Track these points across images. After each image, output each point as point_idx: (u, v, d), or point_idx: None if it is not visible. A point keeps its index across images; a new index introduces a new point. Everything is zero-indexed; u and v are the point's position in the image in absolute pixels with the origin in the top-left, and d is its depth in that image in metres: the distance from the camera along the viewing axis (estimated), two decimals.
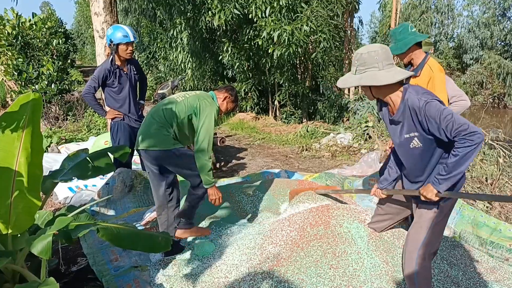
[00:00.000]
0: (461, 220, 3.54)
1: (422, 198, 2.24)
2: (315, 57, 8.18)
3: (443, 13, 28.12)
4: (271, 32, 6.55)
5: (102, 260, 3.27)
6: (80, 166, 3.16)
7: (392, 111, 2.32)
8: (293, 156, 7.04)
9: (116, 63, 4.23)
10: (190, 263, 3.09)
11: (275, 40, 6.53)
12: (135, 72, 4.40)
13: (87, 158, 3.24)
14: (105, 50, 6.16)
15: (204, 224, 3.68)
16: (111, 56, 4.22)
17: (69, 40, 22.47)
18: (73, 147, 6.13)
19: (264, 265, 2.71)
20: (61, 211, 2.92)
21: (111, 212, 4.29)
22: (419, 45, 3.23)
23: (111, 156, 3.45)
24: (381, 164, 6.08)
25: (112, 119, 4.36)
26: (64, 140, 6.98)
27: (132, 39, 4.14)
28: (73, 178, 3.04)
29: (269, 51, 7.01)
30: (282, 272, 2.61)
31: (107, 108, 4.41)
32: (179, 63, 10.57)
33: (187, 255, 3.22)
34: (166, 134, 2.96)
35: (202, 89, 12.14)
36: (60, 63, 10.58)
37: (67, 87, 10.54)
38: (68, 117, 8.84)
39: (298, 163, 6.61)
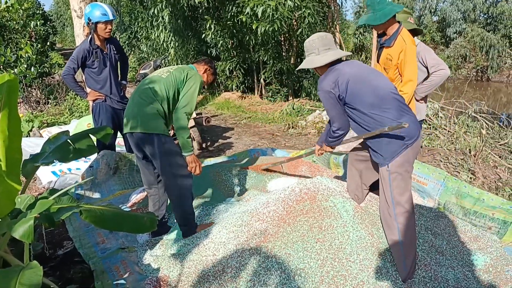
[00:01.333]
0: (445, 191, 3.59)
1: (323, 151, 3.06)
2: (300, 33, 8.08)
3: None
4: (255, 8, 6.42)
5: (88, 243, 3.24)
6: (61, 149, 3.09)
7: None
8: (279, 134, 7.03)
9: (96, 43, 4.12)
10: (177, 243, 3.08)
11: (259, 16, 6.41)
12: (115, 52, 4.29)
13: (68, 140, 3.17)
14: (83, 30, 6.00)
15: None
16: (90, 36, 4.10)
17: (48, 22, 21.83)
18: (55, 131, 6.00)
19: (251, 241, 2.72)
20: (43, 195, 2.88)
21: (96, 195, 4.25)
22: (394, 15, 3.24)
23: (93, 137, 3.38)
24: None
25: (94, 100, 4.27)
26: (46, 124, 6.85)
27: (111, 17, 4.02)
28: (55, 161, 2.98)
29: (253, 28, 6.90)
30: (269, 247, 2.63)
31: (88, 90, 4.32)
32: (161, 43, 10.36)
33: (173, 235, 3.22)
34: (156, 115, 2.85)
35: None
36: (39, 45, 10.28)
37: (47, 70, 10.28)
38: (49, 100, 8.66)
39: (285, 141, 6.61)
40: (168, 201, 3.27)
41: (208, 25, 8.45)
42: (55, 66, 13.12)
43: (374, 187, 2.93)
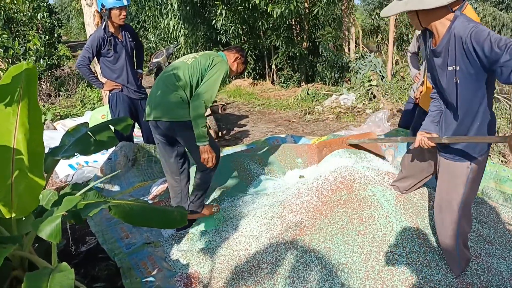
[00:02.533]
0: (483, 176, 3.39)
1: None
2: (316, 14, 7.81)
3: None
4: None
5: (112, 238, 3.12)
6: (82, 141, 2.95)
7: (435, 43, 2.06)
8: (296, 120, 6.84)
9: (110, 30, 3.94)
10: (204, 236, 2.95)
11: None
12: (131, 39, 4.12)
13: (88, 132, 3.03)
14: (94, 19, 5.82)
15: (214, 195, 3.52)
16: (104, 23, 3.93)
17: (53, 15, 21.64)
18: (69, 123, 5.88)
19: (286, 234, 2.57)
20: (65, 190, 2.74)
21: (116, 188, 4.12)
22: None
23: (113, 129, 3.24)
24: (389, 124, 5.91)
25: (110, 91, 4.12)
26: (59, 117, 6.72)
27: (125, 2, 3.84)
28: (76, 154, 2.84)
29: (268, 10, 6.65)
30: (306, 241, 2.47)
31: (103, 80, 4.16)
32: (171, 31, 10.14)
33: (200, 227, 3.08)
34: (181, 103, 2.72)
35: None
36: (47, 37, 10.14)
37: (56, 62, 10.14)
38: (60, 93, 8.52)
39: (302, 127, 6.42)
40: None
41: (219, 11, 8.21)
42: (63, 58, 12.99)
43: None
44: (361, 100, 7.12)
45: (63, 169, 4.55)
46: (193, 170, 3.30)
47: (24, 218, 2.11)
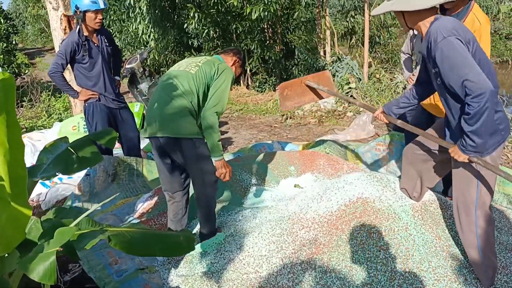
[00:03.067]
0: None
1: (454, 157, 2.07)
2: (288, 17, 7.64)
3: None
4: None
5: (99, 264, 2.79)
6: (62, 159, 2.62)
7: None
8: (277, 126, 6.65)
9: (84, 34, 3.61)
10: (205, 258, 2.68)
11: (252, 0, 5.96)
12: (107, 44, 3.80)
13: (69, 148, 2.70)
14: (61, 23, 5.43)
15: None
16: (78, 27, 3.59)
17: (8, 21, 20.61)
18: (37, 136, 5.43)
19: (300, 254, 2.35)
20: (47, 215, 2.41)
21: (95, 206, 3.78)
22: None
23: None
24: (373, 126, 5.84)
25: (86, 100, 3.78)
26: (24, 129, 6.23)
27: (102, 5, 3.53)
28: (57, 174, 2.52)
29: (245, 12, 6.42)
30: (324, 260, 2.26)
31: (78, 89, 3.81)
32: (139, 35, 9.74)
33: (198, 248, 2.81)
34: (189, 118, 2.48)
35: (166, 62, 11.38)
36: (4, 45, 9.53)
37: (16, 71, 9.53)
38: (23, 103, 7.97)
39: (285, 132, 6.25)
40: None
41: (191, 14, 7.93)
42: (22, 66, 12.28)
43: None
44: (341, 103, 7.02)
45: (35, 187, 4.15)
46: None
47: (7, 255, 1.79)
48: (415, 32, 2.96)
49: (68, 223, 1.95)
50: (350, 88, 7.09)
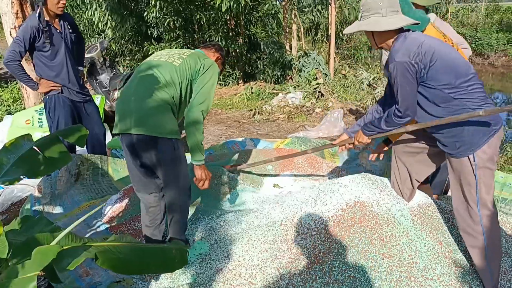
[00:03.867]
0: None
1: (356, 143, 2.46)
2: (251, 9, 7.44)
3: None
4: None
5: (67, 277, 2.50)
6: (27, 160, 2.27)
7: None
8: (246, 121, 6.46)
9: (46, 18, 3.24)
10: (189, 268, 2.45)
11: None
12: (71, 31, 3.43)
13: (34, 148, 2.37)
14: (12, 7, 4.92)
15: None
16: (38, 10, 3.21)
17: None
18: None
19: (298, 263, 2.19)
20: (11, 225, 2.09)
21: (58, 210, 3.43)
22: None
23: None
24: (343, 124, 5.79)
25: (47, 92, 3.40)
26: None
27: None
28: (22, 177, 2.20)
29: (216, 4, 6.13)
30: (326, 270, 2.12)
31: (38, 79, 3.42)
32: (96, 23, 9.15)
33: None
34: (170, 115, 2.21)
35: (122, 52, 10.82)
36: None
37: None
38: None
39: (255, 128, 6.07)
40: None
41: (153, 2, 7.52)
42: None
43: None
44: (309, 99, 6.95)
45: None
46: None
47: None
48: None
49: (43, 239, 1.67)
50: (318, 83, 7.02)
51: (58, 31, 3.32)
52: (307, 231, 2.33)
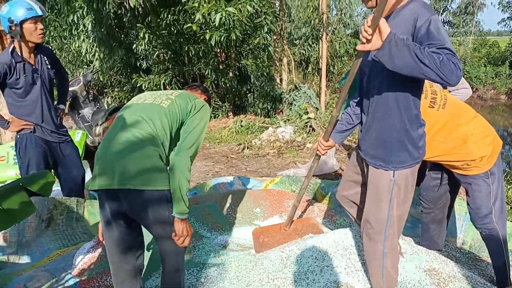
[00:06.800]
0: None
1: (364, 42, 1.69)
2: (257, 43, 7.40)
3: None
4: (212, 15, 5.55)
5: None
6: None
7: None
8: (234, 156, 6.25)
9: (19, 54, 3.03)
10: None
11: (216, 24, 5.58)
12: (49, 66, 3.23)
13: None
14: None
15: None
16: (12, 45, 3.01)
17: None
18: None
19: None
20: None
21: (25, 259, 3.13)
22: None
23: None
24: (335, 161, 5.61)
25: (19, 131, 3.16)
26: None
27: (40, 12, 2.98)
28: None
29: (206, 38, 6.01)
30: None
31: (9, 117, 3.18)
32: (83, 54, 9.02)
33: None
34: (160, 164, 1.94)
35: (110, 83, 10.68)
36: None
37: None
38: None
39: (244, 164, 5.85)
40: None
41: (141, 34, 7.41)
42: None
43: None
44: (300, 133, 6.78)
45: None
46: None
47: None
48: None
49: None
50: (309, 118, 6.87)
51: (33, 67, 3.11)
52: None
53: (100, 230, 2.15)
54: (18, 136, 3.19)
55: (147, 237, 2.46)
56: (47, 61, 3.19)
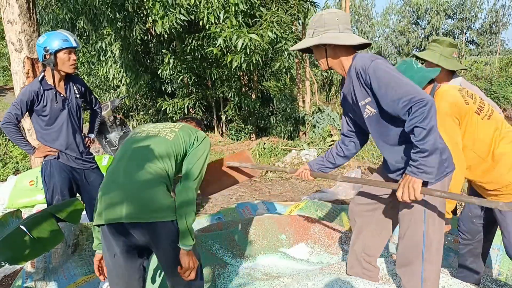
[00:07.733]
0: (505, 257, 2.96)
1: (400, 199, 1.87)
2: (279, 67, 7.46)
3: (362, 22, 29.17)
4: (235, 40, 5.64)
5: None
6: (11, 242, 2.04)
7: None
8: (258, 180, 6.21)
9: (49, 82, 3.12)
10: None
11: (238, 48, 5.67)
12: (78, 96, 3.30)
13: (21, 227, 2.14)
14: (24, 66, 4.90)
15: None
16: (42, 74, 3.10)
17: None
18: None
19: None
20: None
21: (52, 285, 3.14)
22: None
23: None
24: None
25: (44, 157, 3.23)
26: None
27: (74, 44, 3.08)
28: (3, 263, 1.96)
29: (226, 62, 6.11)
30: None
31: (36, 143, 3.26)
32: (110, 79, 9.27)
33: None
34: (168, 196, 1.96)
35: (136, 107, 10.90)
36: None
37: None
38: None
39: (267, 188, 5.80)
40: None
41: (166, 60, 7.57)
42: None
43: None
44: None
45: None
46: None
47: None
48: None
49: None
50: (333, 141, 6.80)
51: (61, 95, 3.19)
52: None
53: (96, 265, 2.18)
54: (44, 162, 3.25)
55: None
56: (75, 91, 3.27)
